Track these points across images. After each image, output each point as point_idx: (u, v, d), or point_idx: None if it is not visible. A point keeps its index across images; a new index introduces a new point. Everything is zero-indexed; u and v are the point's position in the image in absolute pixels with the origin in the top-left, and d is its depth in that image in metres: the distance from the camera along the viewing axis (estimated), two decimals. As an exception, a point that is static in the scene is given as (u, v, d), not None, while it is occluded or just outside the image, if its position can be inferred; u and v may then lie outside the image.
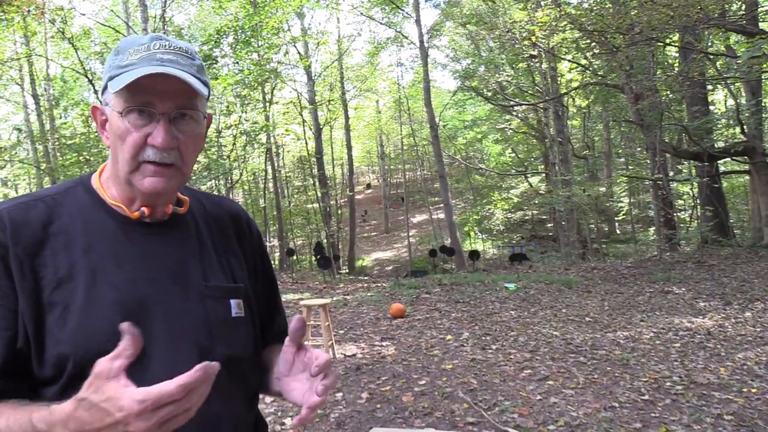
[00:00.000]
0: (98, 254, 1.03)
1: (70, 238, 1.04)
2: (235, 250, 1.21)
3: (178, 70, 1.00)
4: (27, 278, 0.99)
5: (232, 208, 1.28)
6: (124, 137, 1.01)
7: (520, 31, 14.89)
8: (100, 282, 1.01)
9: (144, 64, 0.99)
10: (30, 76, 20.05)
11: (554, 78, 20.36)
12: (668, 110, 14.85)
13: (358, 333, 7.39)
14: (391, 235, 34.85)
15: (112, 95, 1.02)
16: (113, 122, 1.03)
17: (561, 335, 6.61)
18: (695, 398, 4.39)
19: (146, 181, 1.03)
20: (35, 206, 1.05)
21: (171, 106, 1.01)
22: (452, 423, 4.20)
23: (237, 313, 1.13)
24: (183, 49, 1.04)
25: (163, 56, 1.01)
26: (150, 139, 1.01)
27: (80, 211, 1.07)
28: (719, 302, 7.80)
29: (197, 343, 1.06)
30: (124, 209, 1.08)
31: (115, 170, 1.06)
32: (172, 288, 1.07)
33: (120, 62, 1.01)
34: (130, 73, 0.98)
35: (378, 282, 13.20)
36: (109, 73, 1.02)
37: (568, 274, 11.57)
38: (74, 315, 0.99)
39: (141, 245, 1.07)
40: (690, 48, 12.50)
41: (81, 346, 0.97)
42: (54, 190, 1.10)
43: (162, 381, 0.99)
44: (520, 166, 28.67)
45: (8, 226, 1.00)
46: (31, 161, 22.12)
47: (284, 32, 19.38)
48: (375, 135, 38.73)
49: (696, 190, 16.84)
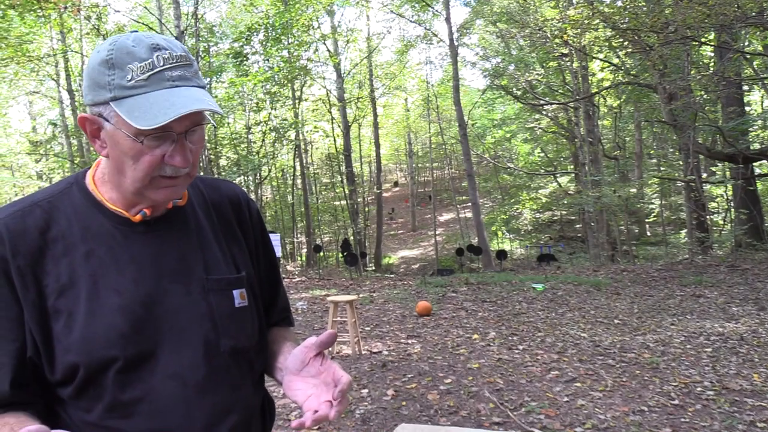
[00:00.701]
0: (98, 259, 1.03)
1: (69, 243, 1.03)
2: (237, 236, 1.21)
3: (193, 89, 0.98)
4: (30, 288, 0.99)
5: (230, 191, 1.26)
6: (137, 158, 0.98)
7: (551, 30, 14.73)
8: (102, 287, 1.02)
9: (155, 87, 0.95)
10: (65, 72, 20.46)
11: (585, 77, 20.09)
12: (702, 111, 14.55)
13: (384, 330, 7.40)
14: (418, 234, 34.79)
15: (115, 115, 0.96)
16: (120, 141, 0.98)
17: (589, 337, 6.54)
18: (727, 404, 4.30)
19: (161, 193, 1.03)
20: (31, 212, 1.03)
21: (187, 126, 0.99)
22: (478, 422, 4.19)
23: (240, 303, 1.13)
24: (183, 57, 0.99)
25: (172, 73, 0.97)
26: (168, 159, 0.99)
27: (76, 214, 1.06)
28: (753, 307, 7.63)
29: (203, 338, 1.07)
30: (125, 213, 1.07)
31: (119, 181, 1.04)
32: (174, 286, 1.07)
33: (123, 81, 0.95)
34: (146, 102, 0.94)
35: (404, 280, 13.20)
36: (109, 92, 0.95)
37: (597, 275, 11.43)
38: (79, 323, 0.99)
39: (140, 246, 1.07)
40: (726, 47, 12.24)
41: (87, 354, 0.99)
42: (49, 192, 1.08)
43: (170, 380, 1.03)
44: (549, 166, 28.38)
45: (6, 238, 1.00)
46: (66, 155, 22.61)
47: (314, 30, 19.45)
48: (403, 133, 38.69)
49: (730, 192, 16.49)
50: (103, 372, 1.00)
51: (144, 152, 0.98)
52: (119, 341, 1.00)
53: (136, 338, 1.01)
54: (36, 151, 27.56)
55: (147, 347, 1.02)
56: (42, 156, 27.83)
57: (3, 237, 1.00)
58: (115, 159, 1.01)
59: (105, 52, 0.96)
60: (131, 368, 1.01)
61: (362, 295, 10.03)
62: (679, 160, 18.08)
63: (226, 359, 1.09)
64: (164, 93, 0.95)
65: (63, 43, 19.09)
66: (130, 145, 0.97)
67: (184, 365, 1.04)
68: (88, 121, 1.01)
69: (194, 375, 1.04)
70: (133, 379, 1.01)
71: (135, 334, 1.01)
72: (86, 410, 1.02)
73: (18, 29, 14.76)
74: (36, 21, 14.28)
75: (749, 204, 13.72)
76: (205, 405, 1.05)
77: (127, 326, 1.01)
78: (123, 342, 1.00)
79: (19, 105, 30.30)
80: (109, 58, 0.96)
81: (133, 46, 0.96)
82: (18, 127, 31.80)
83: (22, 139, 30.00)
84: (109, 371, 1.00)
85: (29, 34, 15.74)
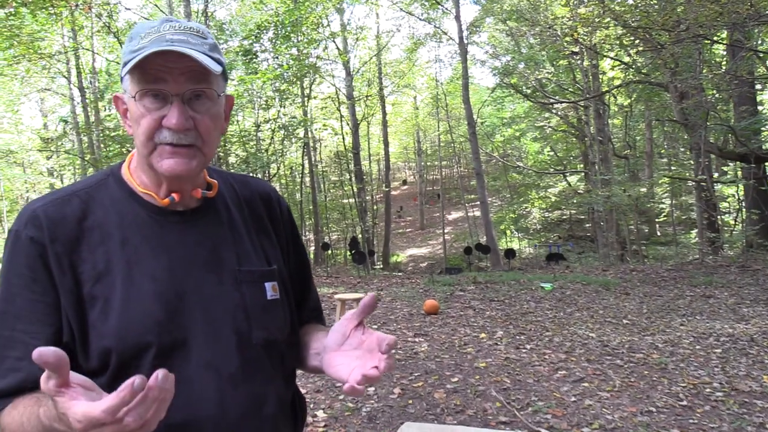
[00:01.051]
0: (133, 246, 1.04)
1: (105, 231, 1.04)
2: (268, 231, 1.21)
3: (187, 49, 0.98)
4: (66, 274, 1.00)
5: (261, 188, 1.27)
6: (139, 120, 1.01)
7: (561, 28, 14.67)
8: (138, 274, 1.02)
9: (153, 46, 0.97)
10: (77, 69, 20.55)
11: (595, 75, 19.98)
12: (714, 110, 14.45)
13: (391, 328, 7.40)
14: (426, 232, 34.78)
15: (128, 80, 1.01)
16: (130, 107, 1.03)
17: (597, 337, 6.50)
18: (736, 406, 4.26)
19: (164, 163, 1.02)
20: (69, 202, 1.05)
21: (184, 86, 1.00)
22: (484, 421, 4.17)
23: (272, 296, 1.13)
24: (194, 28, 1.02)
25: (173, 36, 0.99)
26: (164, 121, 1.00)
27: (113, 204, 1.07)
28: (764, 308, 7.57)
29: (235, 329, 1.07)
30: (154, 197, 1.08)
31: (139, 156, 1.07)
32: (207, 275, 1.07)
33: (132, 47, 1.00)
34: (139, 55, 0.97)
35: (412, 278, 13.19)
36: (123, 60, 1.01)
37: (605, 275, 11.37)
38: (115, 309, 1.00)
39: (174, 234, 1.08)
40: (739, 46, 12.13)
41: (122, 339, 0.99)
42: (86, 183, 1.10)
43: (204, 370, 1.02)
44: (559, 165, 28.27)
45: (45, 225, 1.01)
46: (77, 152, 22.72)
47: (323, 27, 19.46)
48: (412, 131, 38.66)
49: (741, 192, 16.35)
50: (137, 359, 1.00)
51: (144, 115, 1.00)
52: (155, 328, 1.00)
53: (170, 326, 1.02)
54: (47, 147, 27.75)
55: (180, 336, 1.02)
56: (53, 153, 28.00)
57: (42, 223, 1.01)
58: (133, 131, 1.04)
59: (131, 31, 1.04)
60: (165, 356, 1.01)
61: (370, 294, 10.03)
62: (690, 160, 17.97)
63: (258, 351, 1.09)
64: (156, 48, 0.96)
65: (74, 40, 19.18)
66: (135, 108, 1.01)
67: (217, 355, 1.04)
68: (119, 100, 1.07)
69: (228, 365, 1.05)
70: (167, 367, 1.00)
71: (169, 321, 1.02)
72: None
73: (30, 27, 14.84)
74: (47, 18, 14.36)
75: (761, 204, 13.59)
76: (238, 396, 1.05)
77: (162, 313, 1.02)
78: (158, 329, 1.01)
79: (31, 102, 30.59)
80: (130, 33, 1.03)
81: (150, 22, 1.03)
82: (29, 124, 32.07)
83: (34, 136, 30.21)
84: (143, 359, 1.00)
85: (41, 31, 15.83)
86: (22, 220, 1.02)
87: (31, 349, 0.96)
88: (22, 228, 1.01)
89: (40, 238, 1.00)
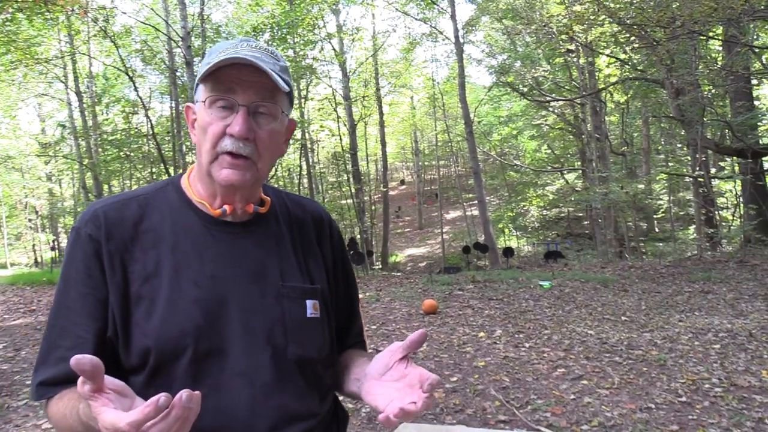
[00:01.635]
0: (183, 252, 1.09)
1: (159, 236, 1.09)
2: (315, 252, 1.24)
3: (260, 62, 1.03)
4: (117, 272, 1.06)
5: (314, 210, 1.30)
6: (206, 128, 1.06)
7: (557, 26, 14.67)
8: (183, 279, 1.06)
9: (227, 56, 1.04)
10: (74, 74, 20.56)
11: (592, 73, 19.99)
12: (710, 106, 14.46)
13: (390, 329, 7.40)
14: (425, 232, 34.78)
15: (201, 89, 1.08)
16: (199, 115, 1.08)
17: (596, 334, 6.52)
18: (735, 401, 4.27)
19: (223, 173, 1.07)
20: (128, 205, 1.12)
21: (251, 97, 1.06)
22: (484, 420, 4.18)
23: (312, 314, 1.15)
24: (269, 50, 1.08)
25: (248, 53, 1.04)
26: (228, 129, 1.05)
27: (170, 210, 1.13)
28: (762, 303, 7.58)
29: (271, 343, 1.09)
30: (207, 206, 1.13)
31: (200, 164, 1.12)
32: (250, 287, 1.10)
33: (209, 61, 1.06)
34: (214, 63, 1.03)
35: (411, 278, 13.19)
36: (199, 72, 1.07)
37: (604, 272, 11.39)
38: (158, 310, 1.04)
39: (223, 244, 1.11)
40: (734, 41, 12.15)
41: (162, 340, 1.03)
42: (147, 190, 1.17)
43: (238, 378, 1.05)
44: (556, 163, 28.28)
45: (103, 224, 1.07)
46: (74, 156, 22.70)
47: (320, 28, 19.45)
48: (409, 131, 38.65)
49: (739, 187, 16.38)
50: (174, 361, 1.03)
51: (211, 123, 1.06)
52: (193, 332, 1.04)
53: (209, 332, 1.05)
54: (45, 152, 27.71)
55: (218, 342, 1.05)
56: (51, 157, 27.98)
57: (100, 222, 1.08)
58: (198, 139, 1.10)
59: (210, 49, 1.12)
60: (201, 361, 1.04)
61: (369, 294, 10.04)
62: (687, 156, 18.00)
63: (292, 366, 1.11)
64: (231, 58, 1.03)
65: (71, 45, 19.19)
66: (204, 116, 1.07)
67: (252, 365, 1.07)
68: (190, 110, 1.14)
69: (262, 377, 1.07)
70: (203, 372, 1.04)
71: (209, 327, 1.05)
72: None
73: (26, 32, 14.85)
74: (44, 23, 14.38)
75: (758, 199, 13.62)
76: (270, 407, 1.06)
77: (202, 319, 1.05)
78: (197, 333, 1.04)
79: (29, 107, 30.52)
80: (209, 51, 1.11)
81: (230, 41, 1.10)
82: (27, 129, 32.08)
83: (32, 141, 30.21)
84: (180, 361, 1.03)
85: (37, 36, 15.85)
86: (84, 218, 1.09)
87: (81, 341, 1.04)
88: (82, 226, 1.08)
89: (97, 235, 1.07)
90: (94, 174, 19.14)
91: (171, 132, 20.38)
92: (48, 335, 1.07)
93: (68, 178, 31.65)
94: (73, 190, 30.83)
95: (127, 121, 19.06)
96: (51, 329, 1.07)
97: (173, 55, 17.29)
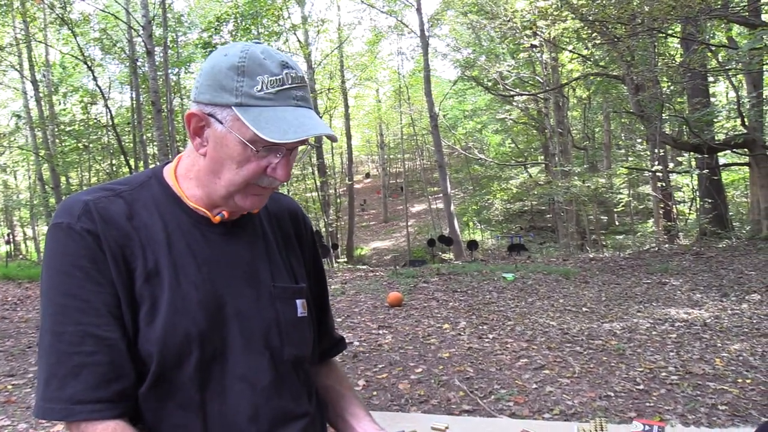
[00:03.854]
0: (178, 251, 1.04)
1: (152, 232, 1.04)
2: (295, 249, 1.24)
3: (313, 113, 1.00)
4: (122, 270, 1.00)
5: (290, 205, 1.29)
6: (242, 164, 1.00)
7: (521, 21, 14.81)
8: (183, 281, 1.02)
9: (282, 103, 0.97)
10: (29, 62, 19.91)
11: (555, 68, 20.28)
12: (669, 102, 14.81)
13: (355, 321, 7.41)
14: (390, 225, 34.86)
15: (234, 118, 0.97)
16: (230, 144, 0.99)
17: (558, 325, 6.63)
18: (690, 388, 4.40)
19: (249, 201, 1.04)
20: (115, 201, 1.04)
21: (295, 143, 1.00)
22: (448, 410, 4.22)
23: (302, 314, 1.16)
24: (303, 78, 1.02)
25: (297, 93, 0.99)
26: (271, 171, 1.02)
27: (156, 206, 1.07)
28: (716, 294, 7.81)
29: (269, 345, 1.09)
30: (205, 212, 1.08)
31: (209, 181, 1.04)
32: (245, 289, 1.09)
33: (252, 90, 0.96)
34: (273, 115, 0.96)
35: (376, 271, 13.21)
36: (235, 97, 0.96)
37: (566, 264, 11.58)
38: (161, 312, 1.00)
39: (216, 245, 1.08)
40: (691, 39, 12.44)
41: (166, 345, 0.99)
42: (128, 185, 1.09)
43: (240, 382, 1.05)
44: (520, 157, 28.61)
45: (97, 218, 1.00)
46: (30, 147, 22.07)
47: (284, 20, 19.26)
48: (375, 124, 38.63)
49: (695, 182, 16.82)
50: (177, 368, 1.00)
51: (251, 159, 0.99)
52: (198, 337, 1.01)
53: (212, 336, 1.03)
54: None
55: (220, 347, 1.04)
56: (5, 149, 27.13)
57: (93, 215, 1.00)
58: (215, 160, 1.02)
59: (236, 59, 0.98)
60: (205, 367, 1.02)
61: (334, 287, 10.02)
62: (646, 151, 18.38)
63: (288, 367, 1.12)
64: (291, 110, 0.97)
65: (26, 32, 18.59)
66: (240, 150, 0.99)
67: (252, 369, 1.06)
68: (195, 117, 1.02)
69: (261, 380, 1.07)
70: (207, 378, 1.02)
71: (212, 332, 1.03)
72: (159, 407, 1.01)
73: (-22, 18, 14.36)
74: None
75: (714, 193, 14.02)
76: (271, 410, 1.07)
77: (205, 323, 1.02)
78: (201, 339, 1.01)
79: (-19, 96, 29.49)
80: (240, 65, 0.97)
81: (264, 59, 0.98)
82: (-21, 118, 30.99)
83: (-16, 131, 29.23)
84: (184, 368, 1.00)
85: (-10, 22, 15.33)
86: (74, 212, 0.99)
87: (108, 343, 0.96)
88: (74, 221, 0.99)
89: (95, 230, 0.99)
90: (51, 166, 18.65)
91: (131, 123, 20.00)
92: (54, 347, 0.95)
93: (24, 170, 30.78)
94: (29, 182, 30.00)
95: (85, 112, 18.64)
96: (58, 337, 0.95)
97: (134, 45, 16.93)
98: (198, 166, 1.06)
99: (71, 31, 15.20)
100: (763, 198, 13.04)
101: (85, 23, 16.73)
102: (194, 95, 1.03)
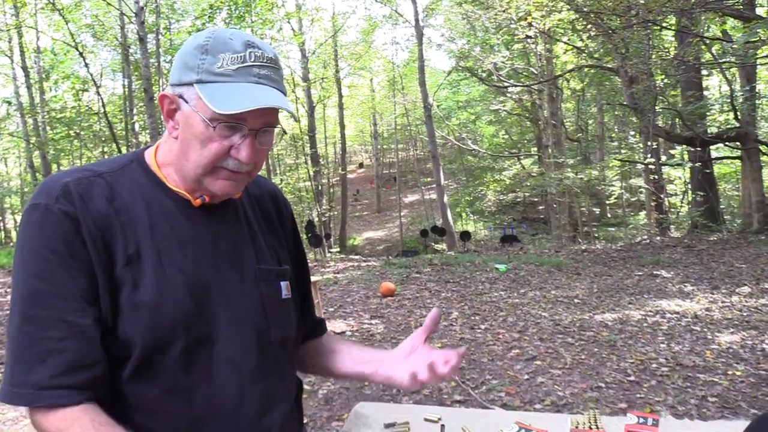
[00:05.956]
0: (161, 234, 1.03)
1: (133, 215, 1.02)
2: (277, 231, 1.24)
3: (275, 91, 0.99)
4: (101, 253, 0.97)
5: (270, 188, 1.29)
6: (205, 143, 0.99)
7: (516, 12, 14.76)
8: (167, 264, 1.01)
9: (242, 79, 0.96)
10: (20, 48, 19.70)
11: (549, 60, 20.24)
12: (662, 94, 14.82)
13: (347, 311, 7.41)
14: (383, 215, 34.85)
15: (196, 97, 0.97)
16: (194, 124, 0.99)
17: (549, 316, 6.65)
18: (680, 380, 4.43)
19: (218, 184, 1.03)
20: (97, 182, 1.02)
21: (261, 123, 1.00)
22: (439, 401, 4.23)
23: (286, 295, 1.16)
24: (273, 59, 1.01)
25: (260, 71, 0.98)
26: (234, 152, 1.00)
27: (139, 189, 1.05)
28: (707, 286, 7.86)
29: (255, 327, 1.09)
30: (187, 195, 1.07)
31: (181, 165, 1.04)
32: (230, 272, 1.08)
33: (212, 67, 0.96)
34: (229, 90, 0.95)
35: (369, 261, 13.22)
36: (197, 74, 0.97)
37: (558, 256, 11.62)
38: (144, 296, 0.98)
39: (199, 228, 1.07)
40: (686, 32, 12.45)
41: (151, 329, 0.97)
42: (109, 167, 1.06)
43: (226, 365, 1.05)
44: (513, 148, 28.62)
45: (77, 200, 0.97)
46: (21, 134, 21.86)
47: (278, 8, 19.12)
48: (368, 114, 38.47)
49: (688, 175, 16.89)
50: (164, 352, 0.99)
51: (213, 139, 0.98)
52: (183, 321, 1.00)
53: (198, 321, 1.02)
54: (-11, 129, 26.62)
55: (206, 330, 1.03)
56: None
57: (73, 197, 0.97)
58: (184, 141, 1.02)
59: (202, 39, 0.99)
60: (191, 351, 1.01)
61: (326, 276, 10.02)
62: (639, 143, 18.42)
63: (275, 348, 1.12)
64: (249, 86, 0.96)
65: (17, 17, 18.38)
66: (203, 129, 0.98)
67: (238, 352, 1.06)
68: (167, 99, 1.03)
69: (248, 362, 1.06)
70: (193, 362, 1.01)
71: (197, 316, 1.02)
72: (144, 391, 1.00)
73: (-33, 2, 14.17)
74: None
75: (706, 186, 14.07)
76: (257, 392, 1.07)
77: (191, 307, 1.01)
78: (187, 322, 1.00)
79: (-30, 81, 29.17)
80: (205, 44, 0.98)
81: (229, 38, 0.98)
82: (-31, 104, 30.68)
83: (-26, 118, 28.94)
84: (170, 352, 0.99)
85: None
86: (52, 193, 0.97)
87: (77, 329, 0.94)
88: (52, 202, 0.96)
89: (73, 212, 0.96)
90: (42, 153, 18.51)
91: (123, 110, 19.87)
92: (23, 330, 0.93)
93: (14, 157, 30.53)
94: (20, 169, 29.77)
95: (77, 99, 18.47)
96: (27, 322, 0.93)
97: (126, 31, 16.78)
98: (173, 150, 1.05)
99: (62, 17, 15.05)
100: (754, 191, 13.10)
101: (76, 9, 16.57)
102: (170, 79, 1.04)
